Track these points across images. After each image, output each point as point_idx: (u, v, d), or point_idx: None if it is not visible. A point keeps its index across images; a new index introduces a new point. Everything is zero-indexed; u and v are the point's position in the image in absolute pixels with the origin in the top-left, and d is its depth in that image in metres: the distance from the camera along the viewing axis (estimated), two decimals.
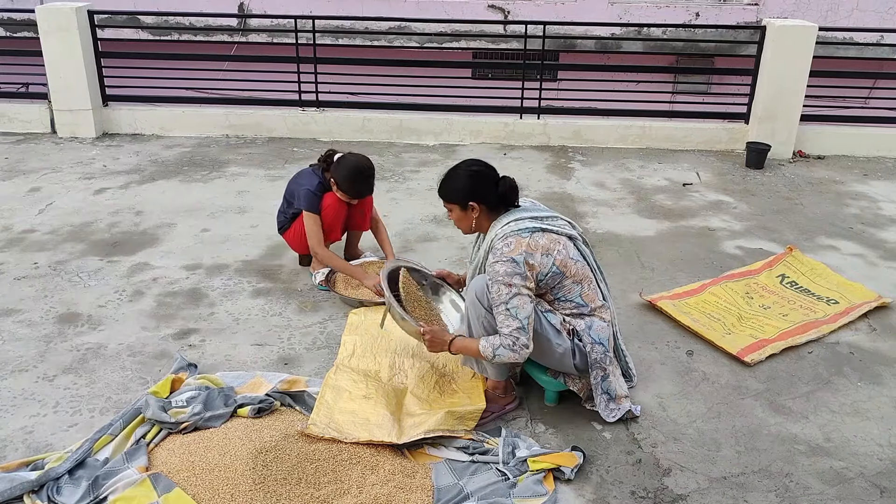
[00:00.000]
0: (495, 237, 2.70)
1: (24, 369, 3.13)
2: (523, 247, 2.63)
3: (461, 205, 2.79)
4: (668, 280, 4.08)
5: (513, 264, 2.60)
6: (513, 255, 2.61)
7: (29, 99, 7.10)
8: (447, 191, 2.83)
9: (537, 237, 2.67)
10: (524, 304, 2.61)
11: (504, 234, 2.67)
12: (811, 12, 9.54)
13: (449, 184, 2.82)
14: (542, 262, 2.65)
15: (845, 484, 2.57)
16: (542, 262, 2.65)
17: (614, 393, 2.82)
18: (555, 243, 2.69)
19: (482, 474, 2.54)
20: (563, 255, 2.70)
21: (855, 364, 3.31)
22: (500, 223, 2.74)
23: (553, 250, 2.68)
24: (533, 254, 2.63)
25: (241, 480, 2.40)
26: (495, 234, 2.71)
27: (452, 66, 7.72)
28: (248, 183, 5.55)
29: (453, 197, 2.81)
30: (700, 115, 7.10)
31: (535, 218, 2.74)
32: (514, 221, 2.71)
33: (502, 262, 2.61)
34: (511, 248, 2.63)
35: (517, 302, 2.60)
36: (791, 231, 4.85)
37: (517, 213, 2.76)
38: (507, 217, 2.74)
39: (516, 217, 2.73)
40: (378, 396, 2.89)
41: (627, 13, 9.84)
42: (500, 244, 2.65)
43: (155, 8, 8.86)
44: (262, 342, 3.39)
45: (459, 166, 2.84)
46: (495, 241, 2.69)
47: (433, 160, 6.23)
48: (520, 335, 2.61)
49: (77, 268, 4.09)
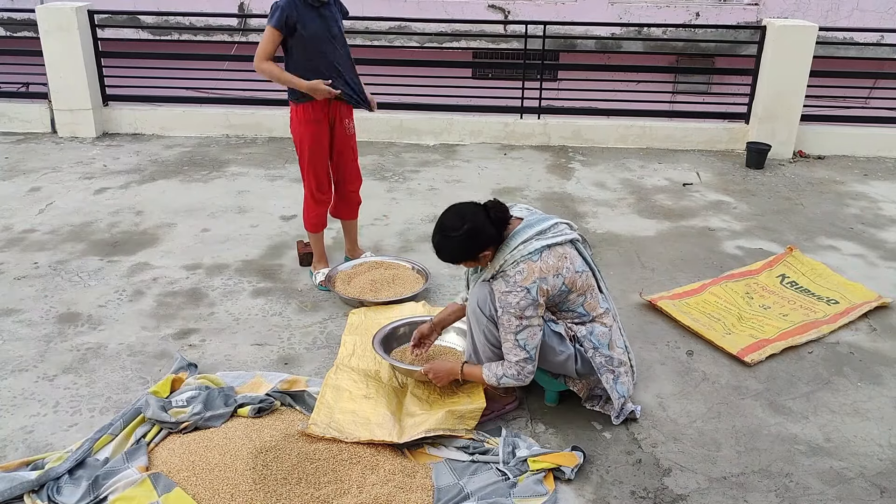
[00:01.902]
0: (505, 262, 2.64)
1: (24, 369, 3.13)
2: (536, 273, 2.59)
3: (473, 259, 2.71)
4: (669, 280, 4.08)
5: (526, 294, 2.57)
6: (526, 283, 2.58)
7: (29, 99, 7.10)
8: (453, 257, 2.71)
9: (546, 257, 2.62)
10: (533, 335, 2.62)
11: (515, 261, 2.62)
12: (811, 12, 9.54)
13: (451, 253, 2.69)
14: (553, 284, 2.64)
15: (845, 484, 2.57)
16: (554, 284, 2.64)
17: (629, 394, 2.83)
18: (562, 260, 2.66)
19: (482, 474, 2.54)
20: (571, 272, 2.67)
21: (855, 364, 3.31)
22: (507, 248, 2.65)
23: (562, 269, 2.65)
24: (546, 278, 2.60)
25: (241, 480, 2.40)
26: (504, 259, 2.65)
27: (453, 65, 7.72)
28: (248, 183, 5.55)
29: (463, 259, 2.71)
30: (700, 115, 7.10)
31: (539, 234, 2.67)
32: (523, 244, 2.64)
33: (515, 293, 2.58)
34: (524, 275, 2.58)
35: (527, 334, 2.61)
36: (791, 231, 4.85)
37: (521, 233, 2.67)
38: (513, 241, 2.66)
39: (523, 239, 2.65)
40: (378, 396, 2.90)
41: (628, 13, 9.83)
42: (513, 272, 2.60)
43: (155, 8, 8.86)
44: (262, 342, 3.39)
45: (449, 232, 2.64)
46: (506, 266, 2.64)
47: (433, 160, 6.23)
48: (526, 364, 2.64)
49: (77, 268, 4.08)
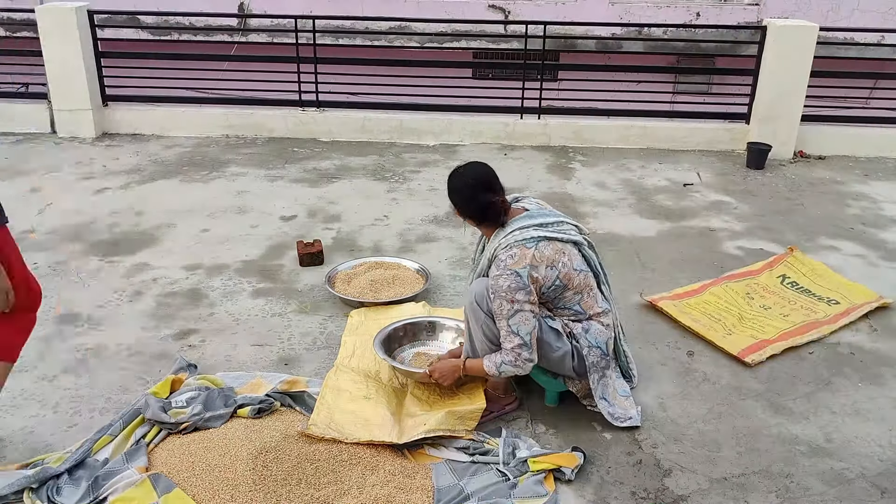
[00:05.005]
0: (499, 246, 2.64)
1: (24, 369, 3.12)
2: (528, 259, 2.57)
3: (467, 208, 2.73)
4: (669, 280, 4.08)
5: (516, 278, 2.56)
6: (516, 267, 2.56)
7: (29, 99, 7.09)
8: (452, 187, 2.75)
9: (542, 247, 2.61)
10: (526, 320, 2.60)
11: (508, 245, 2.61)
12: (812, 12, 9.52)
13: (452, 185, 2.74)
14: (546, 276, 2.61)
15: (846, 485, 2.56)
16: (547, 275, 2.62)
17: (612, 398, 2.82)
18: (559, 254, 2.64)
19: (482, 475, 2.53)
20: (568, 268, 2.66)
21: (856, 365, 3.31)
22: (503, 233, 2.67)
23: (558, 262, 2.63)
24: (537, 266, 2.59)
25: (241, 481, 2.40)
26: (499, 242, 2.65)
27: (453, 66, 7.70)
28: (247, 183, 5.55)
29: (460, 201, 2.73)
30: (701, 115, 7.08)
31: (540, 225, 2.67)
32: (519, 230, 2.64)
33: (505, 276, 2.56)
34: (515, 259, 2.57)
35: (519, 319, 2.59)
36: (792, 231, 4.85)
37: (521, 220, 2.68)
38: (511, 225, 2.67)
39: (521, 225, 2.66)
40: (378, 397, 2.89)
41: (628, 13, 9.82)
42: (504, 255, 2.60)
43: (155, 8, 8.85)
44: (262, 342, 3.39)
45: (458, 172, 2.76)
46: (499, 250, 2.63)
47: (433, 160, 6.22)
48: (521, 351, 2.62)
49: (77, 268, 4.08)
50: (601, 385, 2.81)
